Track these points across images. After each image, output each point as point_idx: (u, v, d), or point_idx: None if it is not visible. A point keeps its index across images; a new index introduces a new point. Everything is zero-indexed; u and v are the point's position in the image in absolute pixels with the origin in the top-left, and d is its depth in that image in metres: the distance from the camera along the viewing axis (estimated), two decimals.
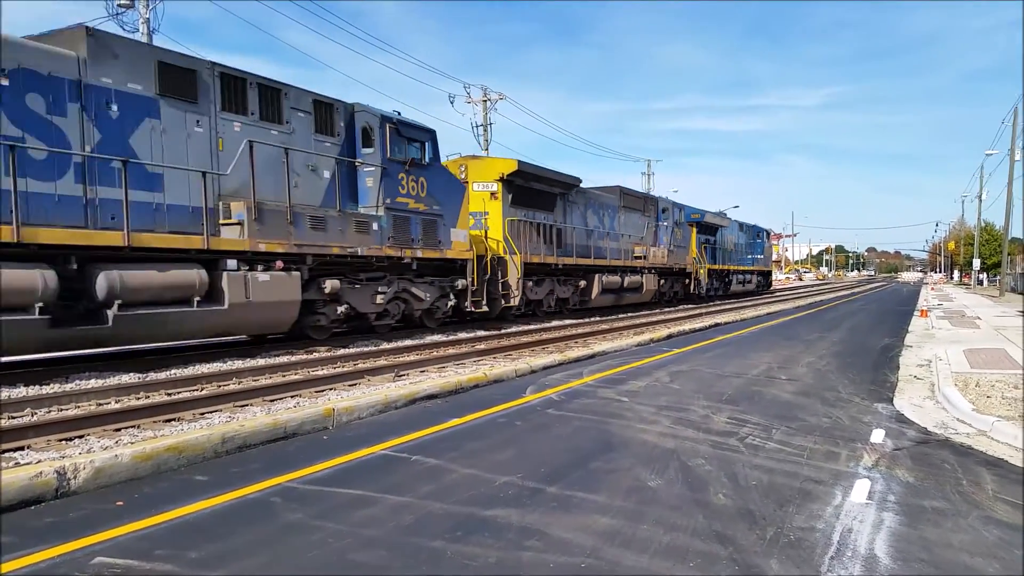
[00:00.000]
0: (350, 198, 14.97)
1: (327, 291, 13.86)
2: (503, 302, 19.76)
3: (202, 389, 9.51)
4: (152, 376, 10.34)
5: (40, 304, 9.39)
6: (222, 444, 6.67)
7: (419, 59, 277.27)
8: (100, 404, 8.47)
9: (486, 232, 19.64)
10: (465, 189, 18.62)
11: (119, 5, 20.90)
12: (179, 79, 11.64)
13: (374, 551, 4.44)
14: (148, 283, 10.71)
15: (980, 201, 65.58)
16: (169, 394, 9.17)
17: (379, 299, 15.37)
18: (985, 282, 75.52)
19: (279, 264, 12.77)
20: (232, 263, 12.05)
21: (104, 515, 5.01)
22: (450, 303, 17.89)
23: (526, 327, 19.40)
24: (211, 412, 8.14)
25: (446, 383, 10.02)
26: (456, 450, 6.85)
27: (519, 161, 20.65)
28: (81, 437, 6.92)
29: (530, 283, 21.10)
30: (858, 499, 5.47)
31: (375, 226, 14.88)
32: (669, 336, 18.12)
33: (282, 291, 12.72)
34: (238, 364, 11.50)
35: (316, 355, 12.71)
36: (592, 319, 22.94)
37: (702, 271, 35.25)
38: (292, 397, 9.08)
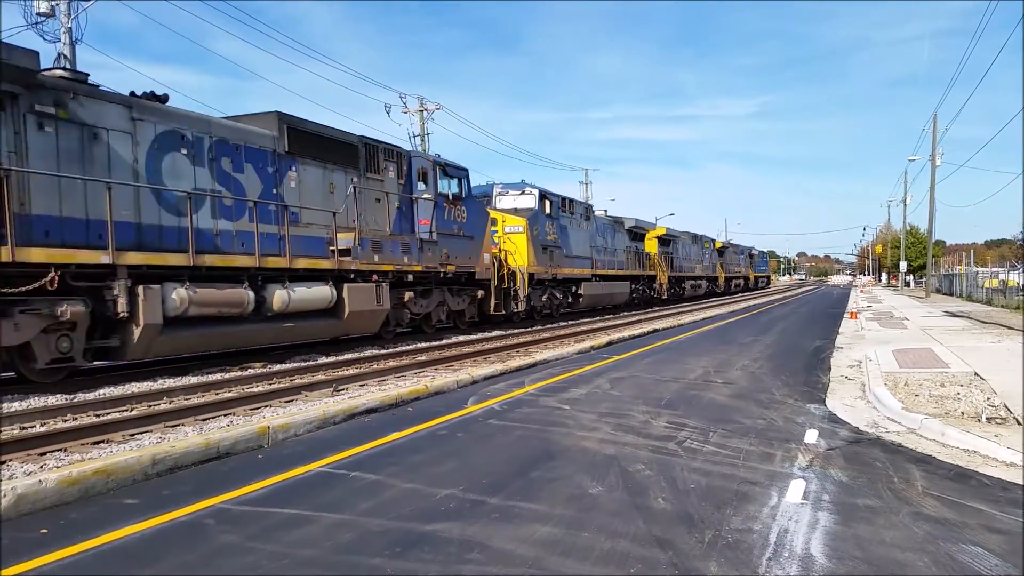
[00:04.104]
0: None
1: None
2: None
3: (132, 409, 9.20)
4: (80, 397, 9.98)
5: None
6: (152, 466, 6.45)
7: (353, 68, 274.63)
8: (24, 428, 8.13)
9: None
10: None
11: (38, 14, 20.19)
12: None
13: (311, 571, 4.34)
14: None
15: (905, 205, 67.92)
16: (98, 415, 8.85)
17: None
18: (912, 284, 78.23)
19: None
20: None
21: (27, 544, 4.78)
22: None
23: (466, 337, 19.32)
24: (141, 433, 7.87)
25: (386, 396, 9.89)
26: (396, 464, 6.76)
27: None
28: (2, 463, 6.61)
29: None
30: (793, 499, 5.57)
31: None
32: (609, 343, 18.27)
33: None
34: (169, 383, 11.18)
35: (251, 371, 12.44)
36: (534, 327, 22.91)
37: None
38: (225, 416, 8.84)
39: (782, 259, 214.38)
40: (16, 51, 10.24)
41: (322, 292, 14.87)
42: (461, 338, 19.02)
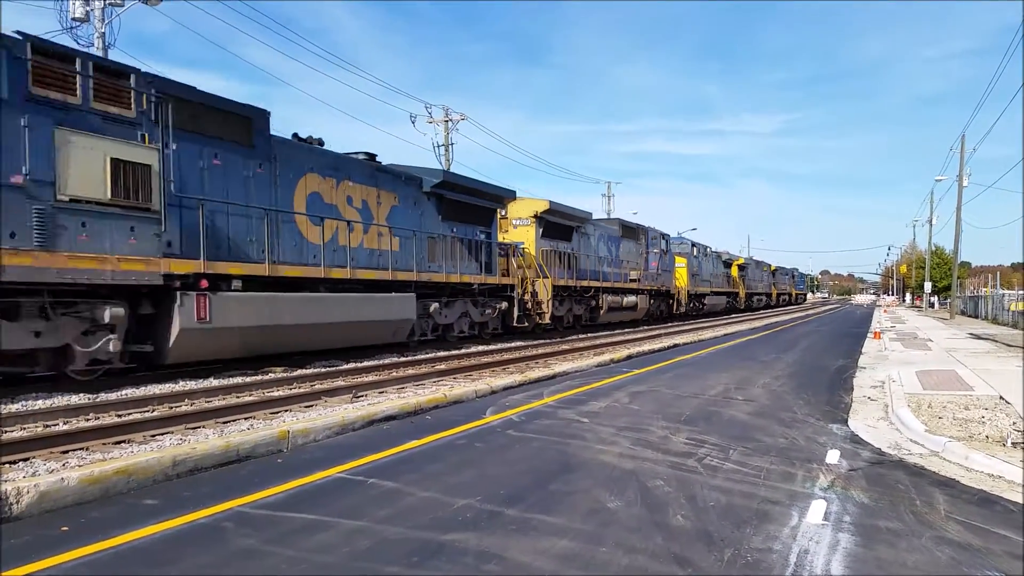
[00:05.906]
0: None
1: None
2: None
3: (153, 411, 9.29)
4: (103, 397, 10.10)
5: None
6: (173, 467, 6.51)
7: (380, 78, 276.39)
8: (47, 426, 8.23)
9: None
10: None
11: (73, 19, 20.51)
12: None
13: None
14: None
15: (931, 226, 67.13)
16: (120, 415, 8.94)
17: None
18: (936, 304, 77.24)
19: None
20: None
21: (47, 541, 4.83)
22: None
23: (485, 347, 19.37)
24: (162, 434, 7.94)
25: (405, 404, 9.91)
26: (414, 472, 6.77)
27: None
28: (26, 460, 6.68)
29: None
30: (814, 520, 5.51)
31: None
32: (629, 357, 18.20)
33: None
34: (191, 385, 11.28)
35: (271, 376, 12.52)
36: (567, 338, 22.98)
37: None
38: (246, 419, 8.90)
39: (805, 276, 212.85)
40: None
41: (634, 298, 33.38)
42: (481, 348, 19.12)
